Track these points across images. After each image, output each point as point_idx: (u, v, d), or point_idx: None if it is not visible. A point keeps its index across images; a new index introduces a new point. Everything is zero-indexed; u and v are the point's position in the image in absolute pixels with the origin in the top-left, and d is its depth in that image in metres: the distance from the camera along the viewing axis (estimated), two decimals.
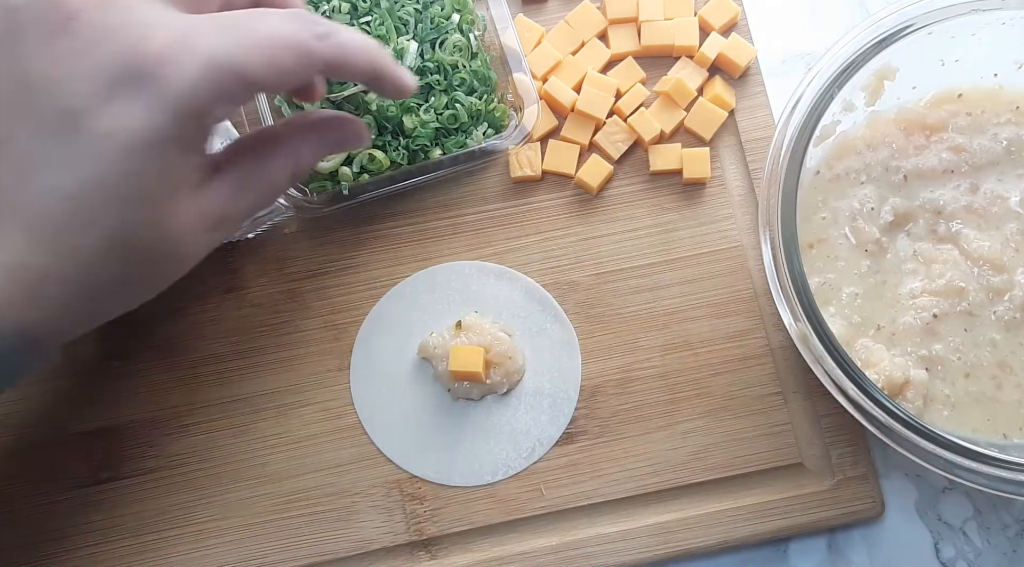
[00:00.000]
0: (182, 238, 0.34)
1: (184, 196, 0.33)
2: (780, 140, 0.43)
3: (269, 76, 0.32)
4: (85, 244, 0.31)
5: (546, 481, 0.46)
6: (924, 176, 0.46)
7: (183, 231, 0.34)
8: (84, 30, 0.30)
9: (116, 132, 0.30)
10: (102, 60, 0.30)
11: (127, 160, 0.30)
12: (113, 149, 0.30)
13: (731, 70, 0.51)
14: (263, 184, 0.37)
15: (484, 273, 0.49)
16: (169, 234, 0.33)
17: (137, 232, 0.32)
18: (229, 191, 0.35)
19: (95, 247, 0.31)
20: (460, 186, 0.50)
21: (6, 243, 0.30)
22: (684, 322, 0.48)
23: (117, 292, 0.34)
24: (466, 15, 0.48)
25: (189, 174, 0.33)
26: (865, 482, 0.46)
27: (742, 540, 0.45)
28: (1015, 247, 0.45)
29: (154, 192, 0.32)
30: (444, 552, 0.45)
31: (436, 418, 0.47)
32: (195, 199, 0.34)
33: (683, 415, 0.47)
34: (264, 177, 0.37)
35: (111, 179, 0.30)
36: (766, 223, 0.42)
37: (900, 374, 0.42)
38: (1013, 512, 0.46)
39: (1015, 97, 0.47)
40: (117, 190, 0.31)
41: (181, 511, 0.46)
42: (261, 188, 0.37)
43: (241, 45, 0.31)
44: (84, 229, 0.31)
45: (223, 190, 0.35)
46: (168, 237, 0.33)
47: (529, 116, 0.48)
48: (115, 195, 0.31)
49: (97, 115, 0.30)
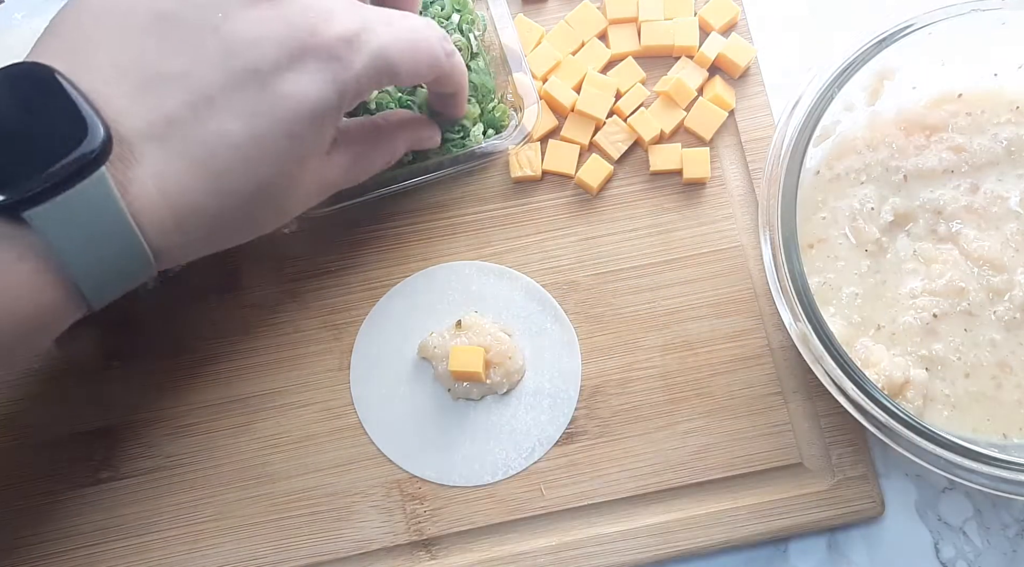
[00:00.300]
0: (302, 197, 0.38)
1: (317, 161, 0.38)
2: (780, 140, 0.43)
3: (409, 73, 0.37)
4: (237, 189, 0.34)
5: (546, 481, 0.46)
6: (924, 176, 0.46)
7: (305, 190, 0.38)
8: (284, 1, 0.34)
9: (293, 97, 0.33)
10: (296, 31, 0.33)
11: (295, 123, 0.34)
12: (286, 111, 0.34)
13: (731, 70, 0.51)
14: (367, 164, 0.42)
15: (484, 273, 0.49)
16: (297, 190, 0.38)
17: (278, 186, 0.36)
18: (345, 164, 0.40)
19: (243, 192, 0.34)
20: (460, 186, 0.50)
21: (172, 171, 0.33)
22: (684, 322, 0.48)
23: (238, 231, 0.38)
24: (466, 15, 0.48)
25: (327, 143, 0.38)
26: (865, 482, 0.46)
27: (742, 540, 0.45)
28: (1015, 247, 0.45)
29: (303, 154, 0.36)
30: (444, 552, 0.45)
31: (436, 418, 0.47)
32: (321, 166, 0.38)
33: (683, 415, 0.47)
34: (370, 158, 0.42)
35: (277, 137, 0.34)
36: (766, 223, 0.42)
37: (900, 374, 0.42)
38: (1013, 512, 0.46)
39: (1015, 97, 0.47)
40: (278, 147, 0.34)
41: (181, 511, 0.46)
42: (365, 167, 0.42)
43: (400, 44, 0.36)
44: (241, 176, 0.34)
45: (342, 163, 0.40)
46: (295, 193, 0.38)
47: (529, 116, 0.48)
48: (275, 151, 0.34)
49: (280, 79, 0.33)
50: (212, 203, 0.34)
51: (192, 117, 0.33)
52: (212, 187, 0.33)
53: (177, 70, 0.33)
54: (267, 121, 0.33)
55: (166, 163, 0.33)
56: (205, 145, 0.33)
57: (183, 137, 0.33)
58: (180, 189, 0.33)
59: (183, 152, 0.33)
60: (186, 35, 0.33)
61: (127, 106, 0.32)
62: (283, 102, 0.33)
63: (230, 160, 0.33)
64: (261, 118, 0.33)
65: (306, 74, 0.33)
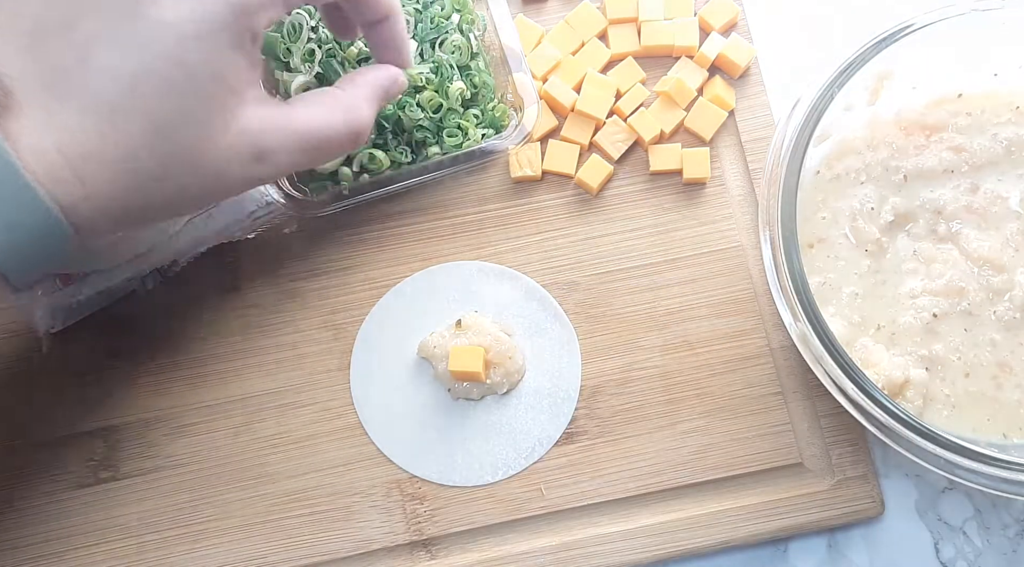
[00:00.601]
0: (223, 154, 0.35)
1: (233, 106, 0.34)
2: (780, 140, 0.43)
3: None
4: (132, 128, 0.32)
5: (546, 481, 0.46)
6: (924, 176, 0.46)
7: (225, 146, 0.34)
8: None
9: (173, 19, 0.32)
10: None
11: (180, 46, 0.32)
12: (168, 35, 0.32)
13: (731, 70, 0.51)
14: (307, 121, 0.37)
15: (484, 273, 0.49)
16: (211, 143, 0.34)
17: (181, 128, 0.33)
18: (279, 121, 0.36)
19: (140, 132, 0.32)
20: (460, 186, 0.50)
21: (61, 121, 0.31)
22: (684, 322, 0.48)
23: (153, 190, 0.34)
24: (466, 15, 0.48)
25: (239, 82, 0.34)
26: (865, 482, 0.46)
27: (742, 540, 0.45)
28: (1015, 247, 0.45)
29: (203, 87, 0.33)
30: (444, 552, 0.45)
31: (436, 418, 0.47)
32: (242, 115, 0.35)
33: (683, 415, 0.47)
34: (325, 119, 0.37)
35: (164, 65, 0.32)
36: (766, 223, 0.42)
37: (900, 374, 0.42)
38: (1013, 512, 0.46)
39: (1015, 97, 0.47)
40: (169, 76, 0.32)
41: (181, 511, 0.46)
42: (321, 130, 0.37)
43: None
44: (133, 113, 0.32)
45: (273, 118, 0.36)
46: (210, 147, 0.34)
47: (529, 116, 0.48)
48: (166, 82, 0.32)
49: (159, 3, 0.32)
50: (107, 146, 0.32)
51: (74, 60, 0.32)
52: (104, 129, 0.32)
53: (58, 17, 0.32)
54: (150, 52, 0.32)
55: (54, 111, 0.31)
56: (89, 86, 0.32)
57: (68, 81, 0.32)
58: (71, 136, 0.31)
59: (71, 96, 0.32)
60: None
61: (11, 59, 0.32)
62: (162, 27, 0.32)
63: (118, 96, 0.32)
64: (143, 46, 0.32)
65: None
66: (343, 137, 0.38)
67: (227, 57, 0.34)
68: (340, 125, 0.38)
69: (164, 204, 0.35)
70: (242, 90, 0.35)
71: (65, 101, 0.32)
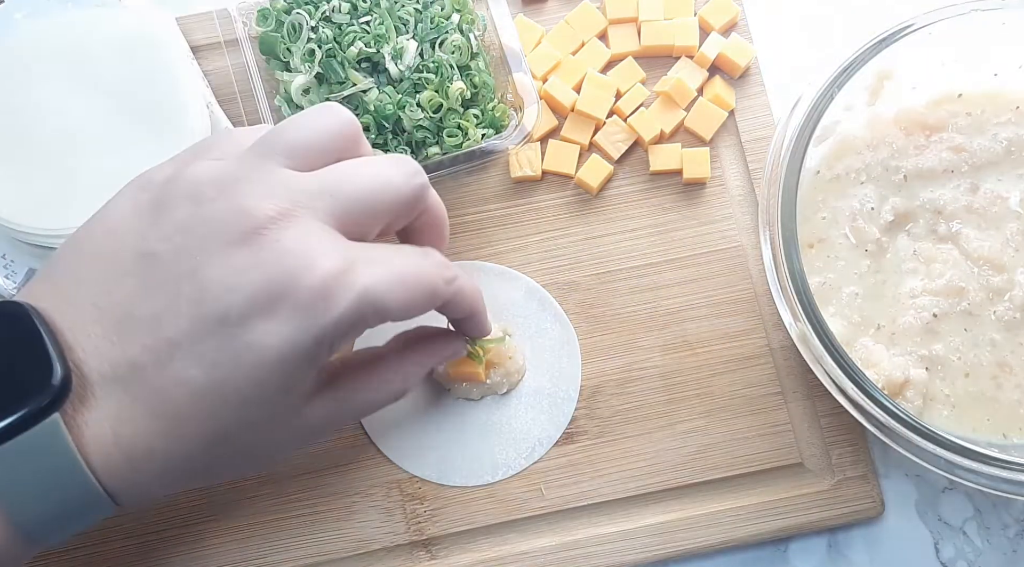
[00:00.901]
0: (278, 444, 0.37)
1: (292, 408, 0.35)
2: (780, 140, 0.43)
3: (402, 310, 0.34)
4: (194, 434, 0.33)
5: (546, 481, 0.46)
6: (924, 176, 0.46)
7: (279, 438, 0.36)
8: (263, 245, 0.32)
9: (260, 345, 0.32)
10: (271, 279, 0.32)
11: (261, 370, 0.32)
12: (252, 360, 0.32)
13: (731, 70, 0.51)
14: (363, 404, 0.38)
15: (484, 273, 0.49)
16: (269, 438, 0.36)
17: (244, 433, 0.34)
18: (331, 410, 0.37)
19: (202, 439, 0.33)
20: (460, 186, 0.50)
21: (128, 416, 0.32)
22: (684, 322, 0.48)
23: (201, 477, 0.36)
24: (466, 15, 0.48)
25: (309, 388, 0.35)
26: (865, 482, 0.46)
27: (742, 540, 0.45)
28: (1015, 247, 0.45)
29: (274, 402, 0.34)
30: (444, 552, 0.45)
31: (436, 418, 0.47)
32: (298, 414, 0.35)
33: (683, 415, 0.47)
34: (366, 397, 0.38)
35: (242, 384, 0.32)
36: (766, 223, 0.42)
37: (900, 374, 0.42)
38: (1013, 512, 0.46)
39: (1015, 97, 0.47)
40: (244, 395, 0.33)
41: (181, 511, 0.46)
42: (360, 407, 0.38)
43: (387, 282, 0.33)
44: (200, 423, 0.33)
45: (327, 409, 0.36)
46: (266, 441, 0.36)
47: (529, 116, 0.48)
48: (240, 398, 0.33)
49: (250, 327, 0.32)
50: (170, 447, 0.33)
51: (153, 362, 0.32)
52: (167, 431, 0.33)
53: (149, 313, 0.32)
54: (229, 370, 0.32)
55: (124, 407, 0.32)
56: (163, 391, 0.32)
57: (143, 381, 0.32)
58: (134, 433, 0.32)
59: (142, 396, 0.32)
60: (164, 277, 0.33)
61: (97, 347, 0.33)
62: (248, 351, 0.32)
63: (190, 407, 0.32)
64: (224, 368, 0.32)
65: (276, 322, 0.32)
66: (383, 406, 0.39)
67: (303, 375, 0.34)
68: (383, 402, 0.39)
69: (214, 480, 0.38)
70: (309, 391, 0.35)
71: (137, 400, 0.32)
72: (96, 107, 0.45)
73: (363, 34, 0.47)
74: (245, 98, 0.48)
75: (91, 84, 0.45)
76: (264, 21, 0.48)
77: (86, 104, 0.45)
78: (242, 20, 0.49)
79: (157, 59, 0.45)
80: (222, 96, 0.49)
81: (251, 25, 0.49)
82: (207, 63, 0.51)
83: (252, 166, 0.34)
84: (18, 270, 0.45)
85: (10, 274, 0.45)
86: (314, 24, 0.47)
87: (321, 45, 0.47)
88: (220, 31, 0.49)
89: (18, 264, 0.45)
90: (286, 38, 0.47)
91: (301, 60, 0.47)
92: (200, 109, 0.45)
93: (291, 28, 0.47)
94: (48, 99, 0.45)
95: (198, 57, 0.50)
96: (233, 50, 0.49)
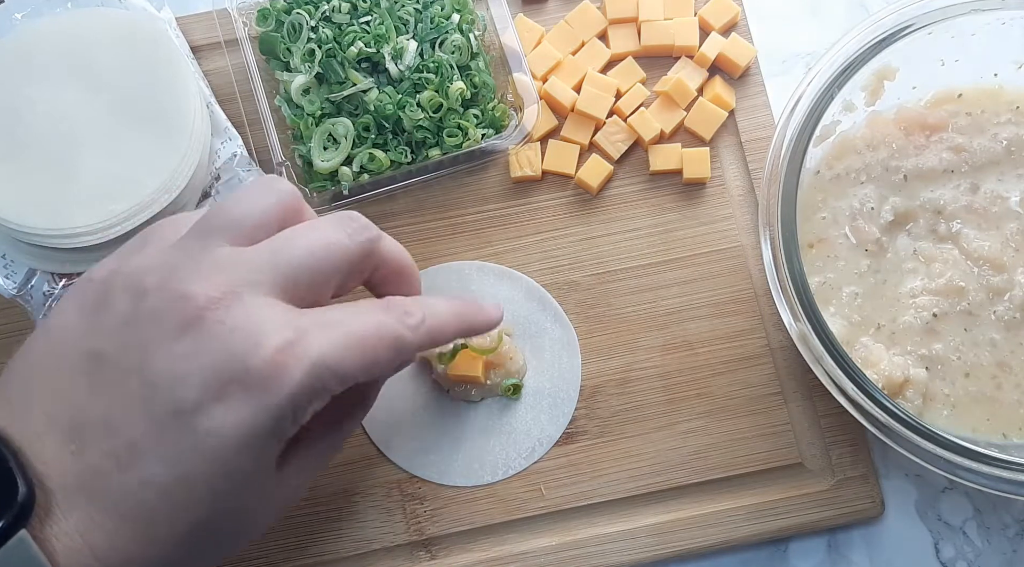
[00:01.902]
0: (258, 520, 0.36)
1: (264, 485, 0.34)
2: (780, 140, 0.43)
3: (364, 371, 0.33)
4: (167, 533, 0.32)
5: (546, 481, 0.46)
6: (924, 176, 0.46)
7: (256, 515, 0.35)
8: (206, 329, 0.31)
9: (219, 432, 0.31)
10: (218, 363, 0.31)
11: (224, 458, 0.31)
12: (214, 448, 0.31)
13: (731, 70, 0.51)
14: (334, 440, 0.38)
15: (484, 273, 0.49)
16: (246, 518, 0.35)
17: (218, 521, 0.33)
18: (306, 464, 0.36)
19: (179, 534, 0.32)
20: (460, 186, 0.50)
21: (98, 523, 0.31)
22: (684, 322, 0.48)
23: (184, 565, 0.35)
24: (466, 15, 0.48)
25: (274, 457, 0.34)
26: (865, 482, 0.46)
27: (742, 540, 0.45)
28: (1015, 247, 0.45)
29: (244, 484, 0.33)
30: (444, 552, 0.45)
31: (436, 418, 0.47)
32: (271, 487, 0.35)
33: (683, 415, 0.47)
34: (335, 435, 0.38)
35: (207, 476, 0.32)
36: (766, 223, 0.42)
37: (900, 374, 0.42)
38: (1013, 512, 0.46)
39: (1015, 97, 0.47)
40: (208, 483, 0.32)
41: None
42: (334, 444, 0.38)
43: (342, 345, 0.32)
44: (173, 520, 0.32)
45: (300, 465, 0.36)
46: (244, 521, 0.35)
47: (529, 116, 0.48)
48: (208, 490, 0.32)
49: (204, 415, 0.31)
50: (143, 550, 0.32)
51: (115, 467, 0.31)
52: (141, 534, 0.32)
53: (102, 416, 0.32)
54: (193, 462, 0.31)
55: (92, 516, 0.31)
56: (130, 495, 0.31)
57: (108, 487, 0.31)
58: (108, 542, 0.31)
59: (109, 503, 0.31)
60: (113, 376, 0.32)
61: (55, 457, 0.32)
62: (208, 439, 0.31)
63: (159, 506, 0.32)
64: (186, 461, 0.31)
65: (231, 406, 0.31)
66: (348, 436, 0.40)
67: (270, 451, 0.33)
68: (348, 434, 0.39)
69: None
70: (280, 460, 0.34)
71: (103, 507, 0.31)
72: (96, 107, 0.44)
73: (363, 34, 0.47)
74: (245, 98, 0.48)
75: (91, 84, 0.45)
76: (264, 21, 0.48)
77: (86, 104, 0.45)
78: (242, 20, 0.49)
79: (157, 59, 0.45)
80: (222, 96, 0.49)
81: (251, 25, 0.49)
82: (207, 63, 0.51)
83: (191, 250, 0.33)
84: (18, 270, 0.46)
85: (10, 274, 0.46)
86: (314, 24, 0.47)
87: (321, 45, 0.47)
88: (220, 31, 0.49)
89: (18, 264, 0.46)
90: (286, 38, 0.47)
91: (301, 60, 0.47)
92: (200, 109, 0.45)
93: (291, 28, 0.47)
94: (48, 99, 0.45)
95: (198, 57, 0.50)
96: (233, 50, 0.49)
